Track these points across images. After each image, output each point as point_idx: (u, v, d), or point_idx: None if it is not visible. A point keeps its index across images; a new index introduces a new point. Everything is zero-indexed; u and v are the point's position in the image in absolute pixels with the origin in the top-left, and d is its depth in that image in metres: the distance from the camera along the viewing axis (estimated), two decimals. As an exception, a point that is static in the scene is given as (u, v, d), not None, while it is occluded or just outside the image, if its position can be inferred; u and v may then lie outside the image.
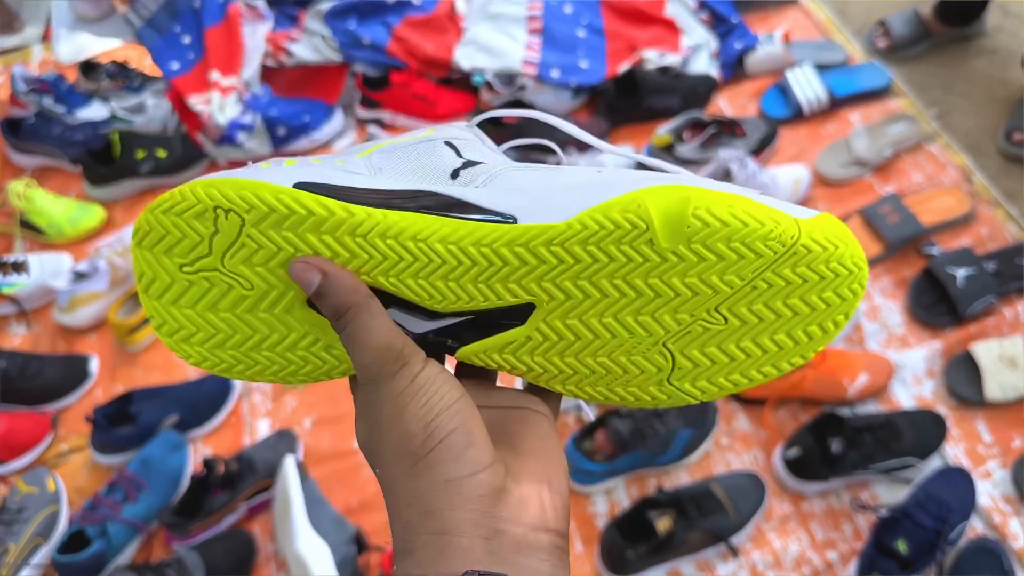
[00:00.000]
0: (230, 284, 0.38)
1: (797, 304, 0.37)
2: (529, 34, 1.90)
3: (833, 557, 1.22)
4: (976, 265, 1.42)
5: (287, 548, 1.18)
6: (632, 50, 1.89)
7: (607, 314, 0.38)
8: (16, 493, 1.28)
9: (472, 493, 0.33)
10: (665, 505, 1.21)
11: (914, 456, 1.24)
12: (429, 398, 0.35)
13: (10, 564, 1.20)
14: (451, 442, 0.34)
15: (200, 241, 0.37)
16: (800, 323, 0.38)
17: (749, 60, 1.86)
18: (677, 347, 0.38)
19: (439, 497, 0.33)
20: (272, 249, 0.37)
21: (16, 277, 1.57)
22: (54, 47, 2.12)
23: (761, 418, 1.35)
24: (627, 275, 0.37)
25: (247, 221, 0.37)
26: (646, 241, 0.36)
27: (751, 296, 0.37)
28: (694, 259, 0.36)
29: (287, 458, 1.25)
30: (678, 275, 0.36)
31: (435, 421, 0.34)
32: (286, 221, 0.36)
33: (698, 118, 1.70)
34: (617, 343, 0.38)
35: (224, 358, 0.40)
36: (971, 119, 1.89)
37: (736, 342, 0.38)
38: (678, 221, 0.35)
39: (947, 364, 1.37)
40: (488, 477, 0.34)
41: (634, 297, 0.37)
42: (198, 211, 0.37)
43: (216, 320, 0.39)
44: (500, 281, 0.37)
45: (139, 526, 1.25)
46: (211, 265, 0.38)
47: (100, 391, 1.48)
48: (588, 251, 0.36)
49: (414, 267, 0.37)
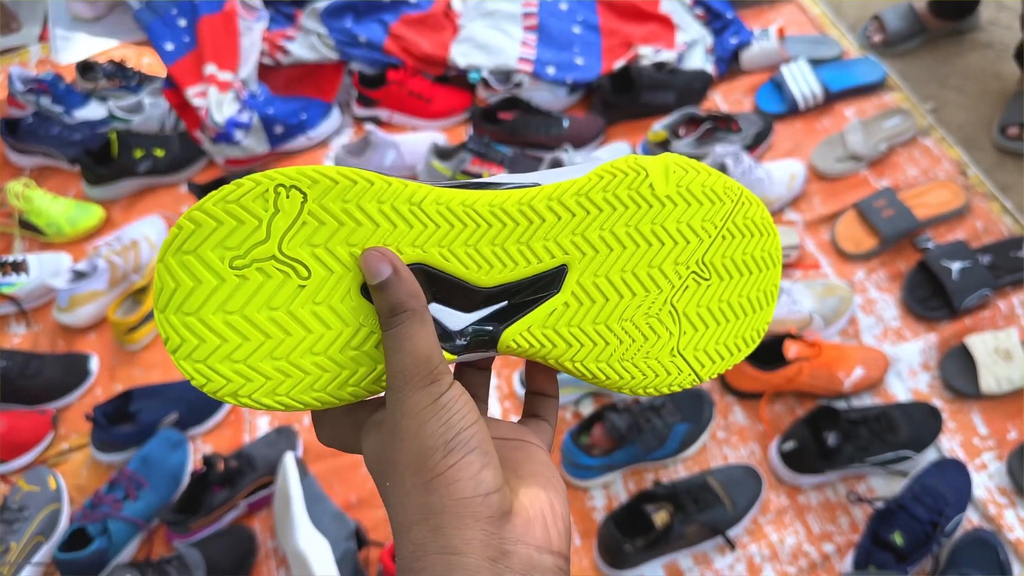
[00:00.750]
0: (286, 273, 0.37)
1: (750, 261, 0.48)
2: (525, 31, 1.90)
3: (830, 549, 1.23)
4: (971, 258, 1.43)
5: (287, 544, 1.19)
6: (628, 46, 1.89)
7: (626, 268, 0.44)
8: (17, 492, 1.29)
9: (483, 513, 0.34)
10: (662, 499, 1.22)
11: (910, 449, 1.25)
12: (451, 417, 0.35)
13: (12, 562, 1.21)
14: (469, 461, 0.34)
15: (258, 226, 0.37)
16: (755, 283, 0.48)
17: (744, 55, 1.87)
18: (680, 305, 0.46)
19: (451, 515, 0.34)
20: (334, 225, 0.37)
21: (16, 277, 1.57)
22: (52, 47, 2.13)
23: (757, 412, 1.36)
24: (637, 223, 0.44)
25: (309, 196, 0.37)
26: (647, 186, 0.44)
27: (723, 247, 0.46)
28: (683, 203, 0.45)
29: (287, 455, 1.26)
30: (672, 220, 0.45)
31: (455, 439, 0.35)
32: (348, 192, 0.38)
33: (693, 114, 1.71)
34: (636, 302, 0.45)
35: (266, 370, 0.38)
36: (966, 113, 1.89)
37: (719, 299, 0.47)
38: (665, 168, 0.44)
39: (942, 357, 1.38)
40: (499, 499, 0.35)
41: (645, 247, 0.44)
42: (258, 193, 0.36)
43: (265, 322, 0.37)
44: (539, 239, 0.42)
45: (140, 524, 1.25)
46: (268, 252, 0.37)
47: (100, 390, 1.49)
48: (605, 198, 0.43)
49: (463, 235, 0.40)
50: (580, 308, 0.43)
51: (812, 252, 1.55)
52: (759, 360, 1.33)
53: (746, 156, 1.56)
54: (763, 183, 1.57)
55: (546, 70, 1.83)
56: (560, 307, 0.43)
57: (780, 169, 1.61)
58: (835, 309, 1.41)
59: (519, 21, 1.93)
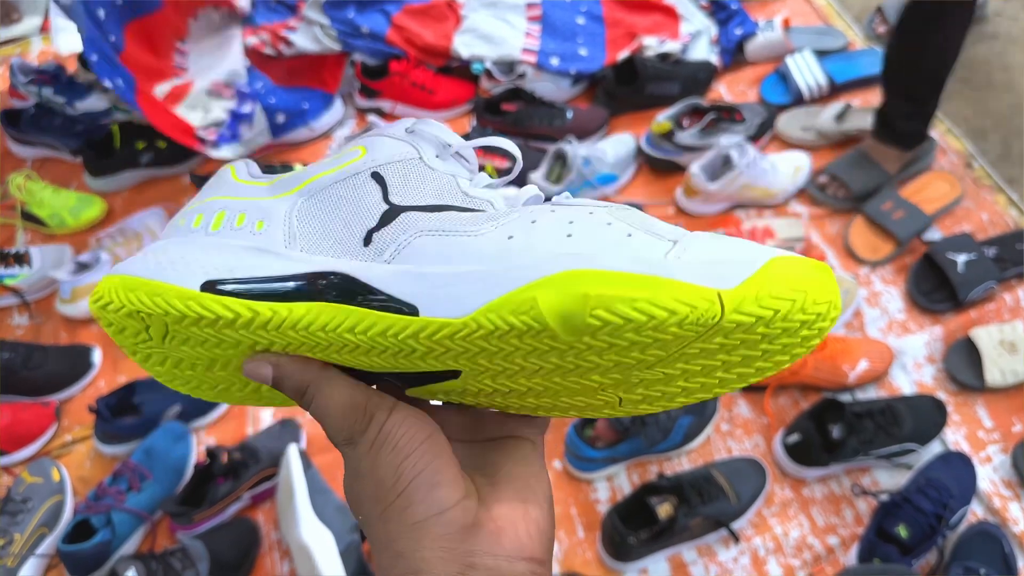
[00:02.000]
0: (180, 357, 0.41)
1: (741, 355, 0.34)
2: (528, 22, 1.90)
3: (834, 542, 1.22)
4: (977, 251, 1.42)
5: (291, 536, 1.19)
6: (632, 37, 1.88)
7: (535, 376, 0.36)
8: (21, 483, 1.29)
9: (440, 531, 0.34)
10: (666, 491, 1.21)
11: (914, 441, 1.24)
12: (397, 442, 0.35)
13: (16, 554, 1.21)
14: (418, 484, 0.34)
15: (139, 331, 0.40)
16: (751, 362, 0.34)
17: (749, 46, 1.86)
18: (619, 392, 0.37)
19: (408, 539, 0.34)
20: (201, 337, 0.39)
21: (18, 269, 1.57)
22: (53, 38, 2.12)
23: (761, 404, 1.35)
24: (541, 355, 0.34)
25: (168, 322, 0.38)
26: (548, 336, 0.32)
27: (685, 356, 0.33)
28: (605, 345, 0.33)
29: (290, 447, 1.26)
30: (594, 354, 0.33)
31: (403, 464, 0.35)
32: (201, 322, 0.38)
33: (697, 104, 1.70)
34: (554, 393, 0.37)
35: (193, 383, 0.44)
36: (971, 104, 1.89)
37: (682, 381, 0.35)
38: (576, 320, 0.31)
39: (947, 350, 1.37)
40: (457, 514, 0.34)
41: (556, 366, 0.35)
42: (126, 312, 0.39)
43: (181, 374, 0.43)
44: (419, 358, 0.36)
45: (143, 515, 1.25)
46: (156, 346, 0.41)
47: (103, 382, 1.49)
48: (491, 343, 0.34)
49: (333, 348, 0.37)
50: (482, 392, 0.38)
51: (818, 244, 1.55)
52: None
53: (750, 147, 1.56)
54: (767, 174, 1.56)
55: (550, 61, 1.82)
56: (459, 388, 0.38)
57: (785, 161, 1.61)
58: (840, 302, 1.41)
59: (523, 12, 1.92)
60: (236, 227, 0.39)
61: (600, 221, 0.34)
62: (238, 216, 0.40)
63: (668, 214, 1.62)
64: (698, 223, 1.60)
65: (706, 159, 1.59)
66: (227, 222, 0.40)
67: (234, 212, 0.40)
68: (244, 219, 0.40)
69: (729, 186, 1.55)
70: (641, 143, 1.71)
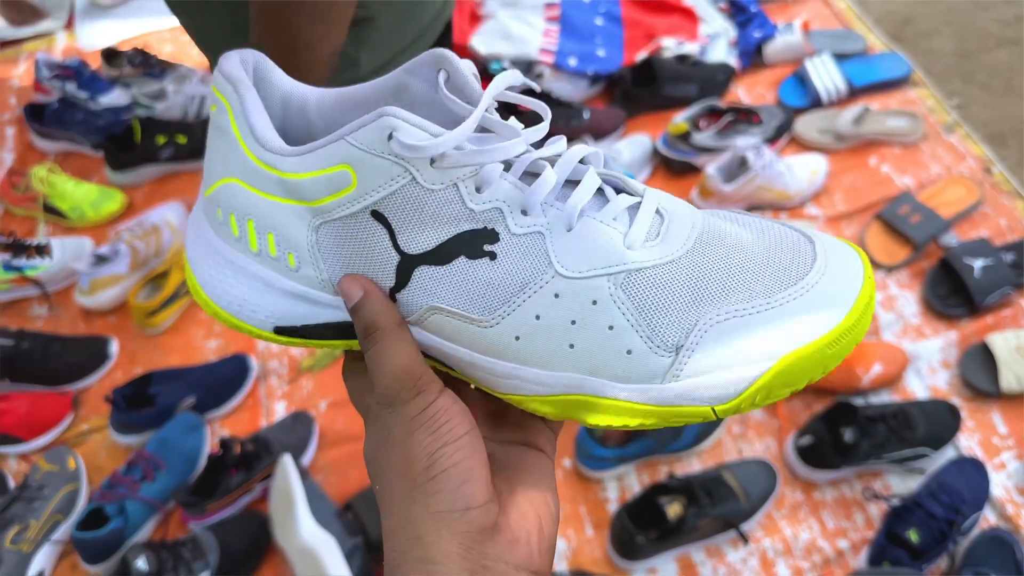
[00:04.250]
0: None
1: None
2: (547, 22, 1.90)
3: (844, 545, 1.22)
4: (994, 256, 1.41)
5: (289, 542, 1.19)
6: (650, 38, 1.88)
7: None
8: (37, 471, 1.30)
9: (462, 528, 0.34)
10: (676, 491, 1.21)
11: (927, 446, 1.24)
12: (438, 428, 0.35)
13: (31, 540, 1.23)
14: (450, 475, 0.34)
15: None
16: None
17: (768, 49, 1.86)
18: None
19: (429, 527, 0.34)
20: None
21: (39, 260, 1.59)
22: (77, 34, 2.15)
23: (774, 407, 1.35)
24: None
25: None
26: None
27: None
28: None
29: (284, 456, 1.26)
30: None
31: (439, 452, 0.35)
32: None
33: (715, 106, 1.70)
34: None
35: None
36: (991, 110, 1.87)
37: None
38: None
39: (962, 355, 1.36)
40: (480, 515, 0.34)
41: None
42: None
43: None
44: None
45: (156, 505, 1.27)
46: None
47: (120, 372, 1.50)
48: None
49: None
50: None
51: (832, 247, 1.54)
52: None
53: (767, 150, 1.56)
54: (784, 177, 1.56)
55: (567, 61, 1.82)
56: None
57: (801, 164, 1.60)
58: (854, 305, 1.40)
59: (541, 11, 1.92)
60: (272, 256, 0.39)
61: (602, 325, 0.36)
62: (268, 237, 0.38)
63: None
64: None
65: (722, 160, 1.58)
66: (262, 244, 0.39)
67: (263, 229, 0.38)
68: (274, 244, 0.38)
69: (745, 188, 1.55)
70: (657, 144, 1.71)
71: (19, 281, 1.58)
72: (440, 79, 0.37)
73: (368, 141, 0.35)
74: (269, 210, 0.38)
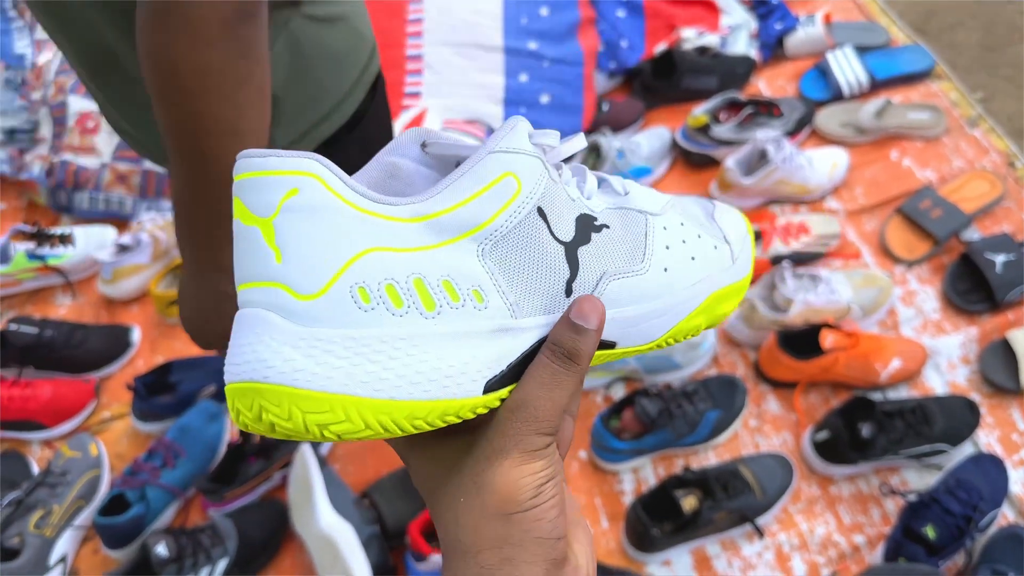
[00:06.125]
0: None
1: None
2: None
3: (860, 541, 1.22)
4: (1016, 251, 1.40)
5: (308, 529, 1.20)
6: (671, 29, 1.87)
7: None
8: (60, 457, 1.32)
9: (550, 555, 0.36)
10: (691, 484, 1.21)
11: (945, 442, 1.23)
12: (551, 466, 0.37)
13: (54, 525, 1.25)
14: (551, 506, 0.36)
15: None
16: None
17: (789, 41, 1.84)
18: None
19: (525, 550, 0.35)
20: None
21: (63, 249, 1.61)
22: None
23: (791, 401, 1.35)
24: None
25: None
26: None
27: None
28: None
29: (303, 445, 1.27)
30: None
31: (546, 485, 0.36)
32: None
33: (735, 98, 1.69)
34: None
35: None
36: (1016, 103, 1.85)
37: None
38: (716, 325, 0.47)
39: (983, 351, 1.35)
40: (563, 545, 0.37)
41: None
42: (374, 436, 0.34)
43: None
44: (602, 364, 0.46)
45: (176, 492, 1.28)
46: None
47: (141, 361, 1.52)
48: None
49: None
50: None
51: (853, 242, 1.53)
52: (795, 349, 1.32)
53: (787, 143, 1.55)
54: (803, 170, 1.55)
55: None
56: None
57: (821, 157, 1.59)
58: (874, 300, 1.39)
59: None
60: (455, 303, 0.35)
61: (707, 245, 0.45)
62: (444, 286, 0.34)
63: (702, 208, 1.62)
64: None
65: (741, 153, 1.58)
66: (439, 297, 0.34)
67: (434, 281, 0.34)
68: (454, 290, 0.35)
69: (764, 181, 1.54)
70: (677, 136, 1.70)
71: (43, 270, 1.60)
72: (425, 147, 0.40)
73: (518, 145, 0.36)
74: (430, 260, 0.34)
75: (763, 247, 1.46)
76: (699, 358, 1.38)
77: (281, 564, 1.27)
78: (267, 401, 0.31)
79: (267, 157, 0.32)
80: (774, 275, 1.39)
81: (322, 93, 0.87)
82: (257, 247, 0.32)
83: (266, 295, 0.32)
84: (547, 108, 1.72)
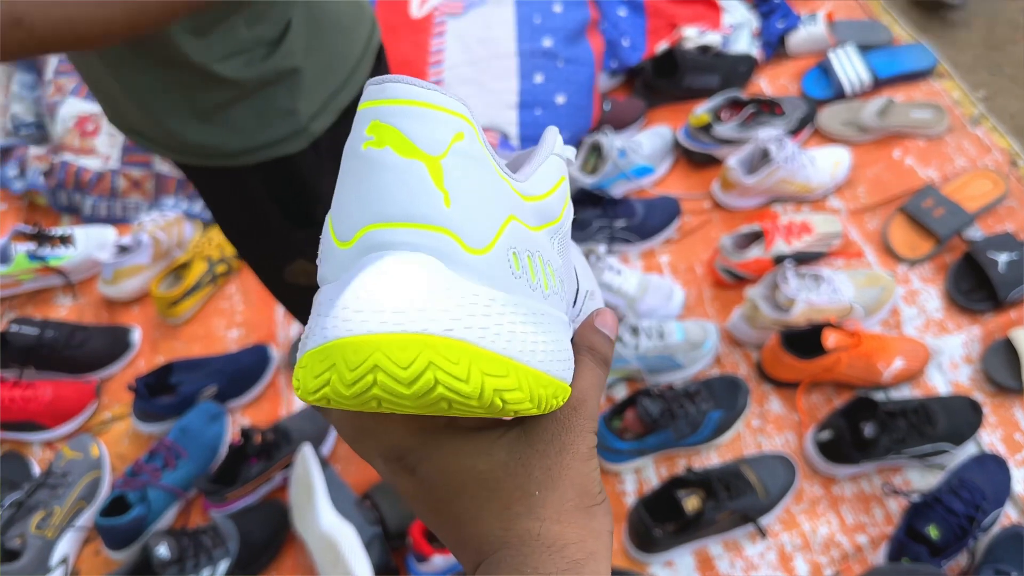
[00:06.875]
0: None
1: None
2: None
3: (863, 541, 1.21)
4: (1019, 250, 1.40)
5: (309, 530, 1.20)
6: (672, 28, 1.87)
7: None
8: (61, 458, 1.32)
9: (612, 548, 0.37)
10: (694, 485, 1.21)
11: (948, 442, 1.23)
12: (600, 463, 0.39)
13: (55, 526, 1.25)
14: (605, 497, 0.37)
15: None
16: None
17: (791, 40, 1.84)
18: None
19: (602, 543, 0.36)
20: None
21: (63, 250, 1.61)
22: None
23: (794, 401, 1.34)
24: None
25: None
26: None
27: None
28: None
29: (305, 446, 1.27)
30: None
31: (599, 484, 0.37)
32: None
33: (737, 97, 1.68)
34: None
35: None
36: (1019, 102, 1.85)
37: None
38: None
39: (986, 350, 1.35)
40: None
41: None
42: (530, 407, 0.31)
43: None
44: None
45: (178, 492, 1.28)
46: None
47: (142, 361, 1.52)
48: None
49: None
50: None
51: (856, 241, 1.53)
52: (797, 349, 1.32)
53: (789, 141, 1.54)
54: (806, 169, 1.54)
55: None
56: None
57: (824, 156, 1.59)
58: (877, 299, 1.39)
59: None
60: (554, 287, 0.34)
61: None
62: (549, 268, 0.33)
63: (704, 208, 1.61)
64: (734, 217, 1.59)
65: (744, 152, 1.57)
66: (549, 281, 0.33)
67: (543, 261, 0.33)
68: (554, 275, 0.34)
69: (766, 180, 1.53)
70: (679, 135, 1.70)
71: (43, 271, 1.60)
72: None
73: (559, 149, 0.37)
74: (539, 242, 0.33)
75: (765, 246, 1.46)
76: (701, 358, 1.38)
77: (282, 565, 1.26)
78: (442, 357, 0.26)
79: (431, 90, 0.29)
80: (776, 275, 1.39)
81: (338, 61, 0.90)
82: (423, 185, 0.28)
83: (431, 240, 0.28)
84: (563, 109, 1.71)
